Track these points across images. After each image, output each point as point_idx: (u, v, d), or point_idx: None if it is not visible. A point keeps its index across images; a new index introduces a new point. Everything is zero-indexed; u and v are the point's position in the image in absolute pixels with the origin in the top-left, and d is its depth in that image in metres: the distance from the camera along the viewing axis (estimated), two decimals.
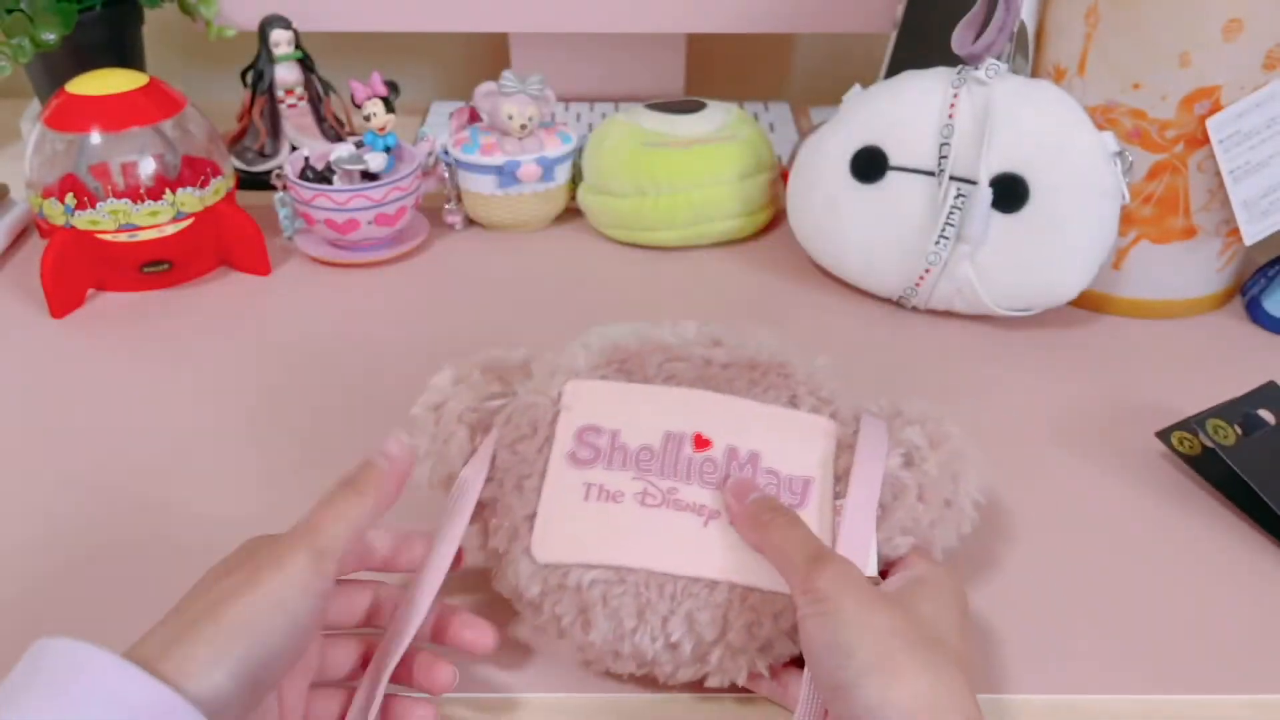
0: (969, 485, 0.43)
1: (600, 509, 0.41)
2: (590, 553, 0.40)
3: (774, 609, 0.39)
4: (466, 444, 0.43)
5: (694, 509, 0.41)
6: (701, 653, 0.39)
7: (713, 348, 0.44)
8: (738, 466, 0.42)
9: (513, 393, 0.44)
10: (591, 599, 0.39)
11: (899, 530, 0.41)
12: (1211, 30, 0.57)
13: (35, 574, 0.48)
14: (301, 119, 0.81)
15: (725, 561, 0.40)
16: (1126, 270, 0.66)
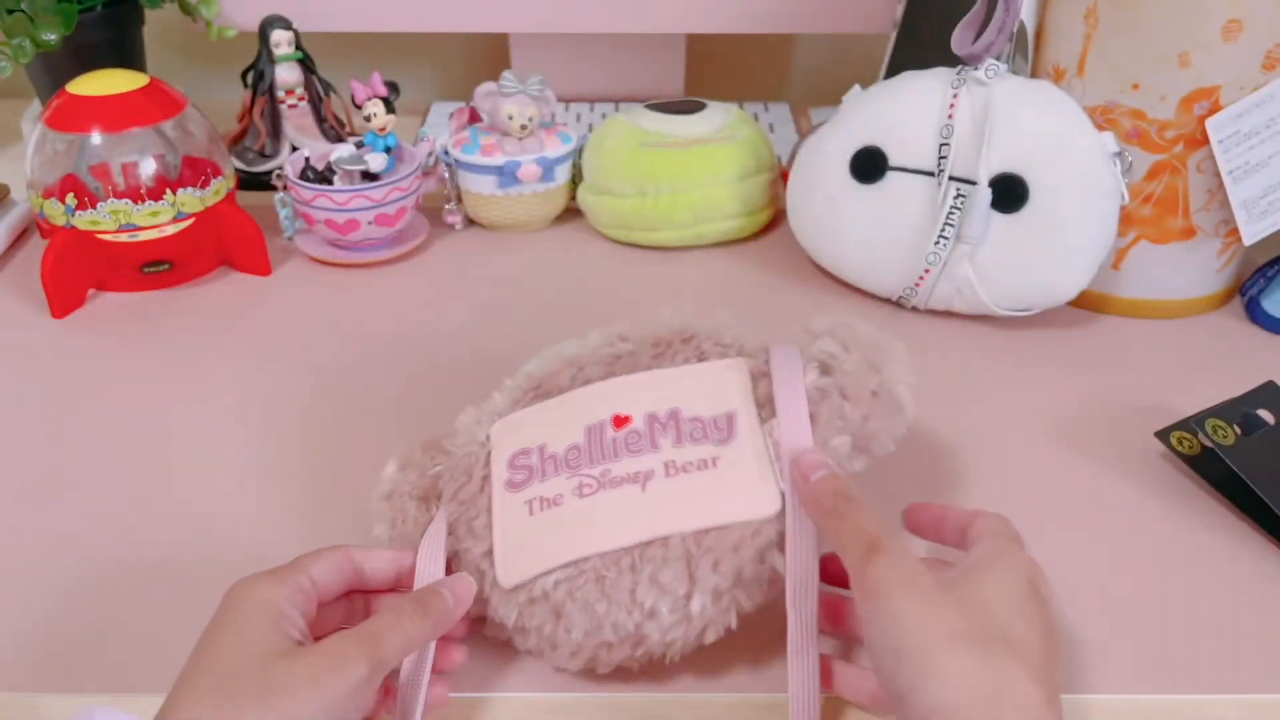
0: (894, 370, 0.43)
1: (545, 518, 0.42)
2: (547, 560, 0.41)
3: (731, 542, 0.40)
4: (422, 515, 0.45)
5: (630, 479, 0.41)
6: (681, 610, 0.39)
7: (619, 343, 0.46)
8: (660, 427, 0.42)
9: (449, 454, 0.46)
10: (559, 599, 0.40)
11: (834, 432, 0.41)
12: (1211, 31, 0.57)
13: (35, 573, 0.48)
14: (302, 119, 0.81)
15: (670, 516, 0.40)
16: (1126, 270, 0.66)
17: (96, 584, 0.47)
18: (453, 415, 0.47)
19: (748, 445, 0.41)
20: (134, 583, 0.47)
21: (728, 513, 0.40)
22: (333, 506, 0.51)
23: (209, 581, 0.47)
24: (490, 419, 0.46)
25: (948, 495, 0.52)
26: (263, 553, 0.49)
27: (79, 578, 0.48)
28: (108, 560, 0.49)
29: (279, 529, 0.50)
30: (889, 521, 0.51)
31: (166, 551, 0.49)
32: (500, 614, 0.41)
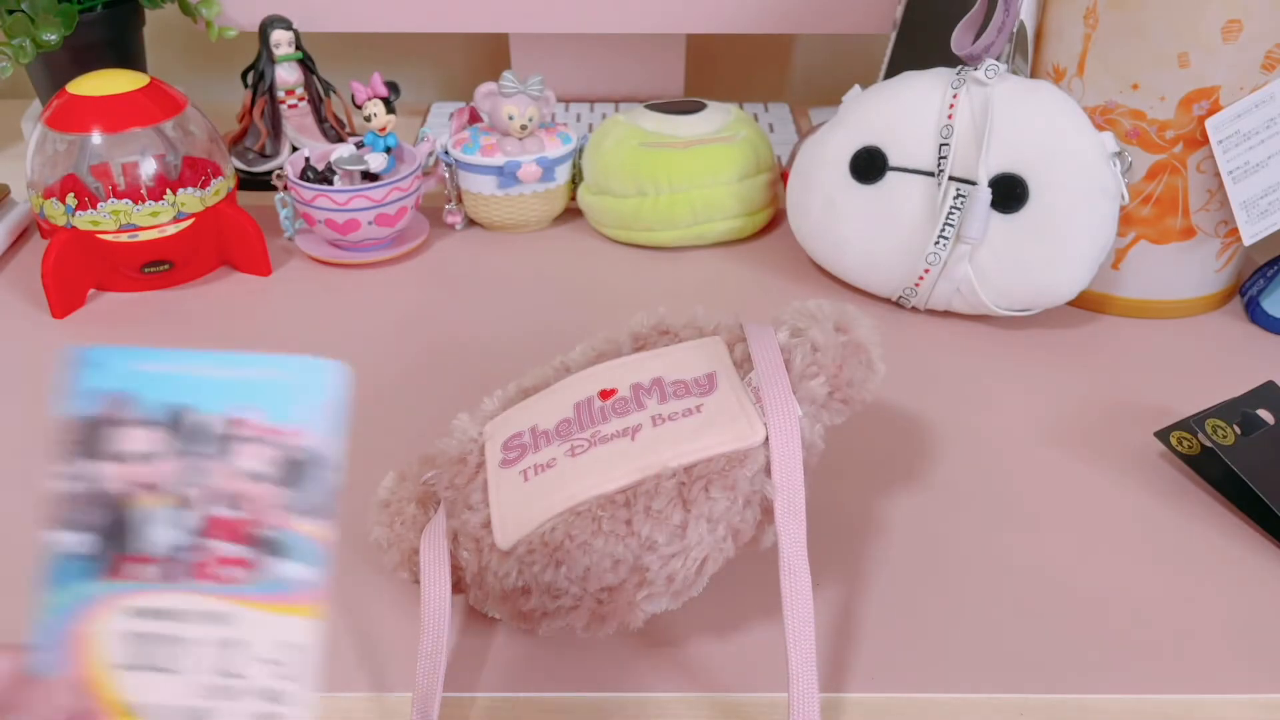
0: (861, 331, 0.45)
1: (539, 480, 0.43)
2: (543, 513, 0.42)
3: (719, 468, 0.41)
4: (420, 515, 0.45)
5: (619, 434, 0.43)
6: (678, 540, 0.40)
7: (602, 345, 0.48)
8: (644, 392, 0.44)
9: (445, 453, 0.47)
10: (557, 540, 0.41)
11: (808, 376, 0.43)
12: (1210, 31, 0.57)
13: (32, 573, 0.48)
14: (302, 119, 0.81)
15: (660, 455, 0.41)
16: (1126, 270, 0.66)
17: None
18: (453, 414, 0.48)
19: (729, 392, 0.43)
20: None
21: (714, 445, 0.41)
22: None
23: None
24: (481, 421, 0.47)
25: (948, 495, 0.52)
26: None
27: None
28: None
29: None
30: (890, 522, 0.51)
31: None
32: (500, 579, 0.42)
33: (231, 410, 0.28)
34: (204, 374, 0.29)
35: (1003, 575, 0.48)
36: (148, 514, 0.28)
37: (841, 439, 0.55)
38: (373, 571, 0.47)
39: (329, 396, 0.29)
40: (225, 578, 0.28)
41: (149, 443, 0.28)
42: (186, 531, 0.28)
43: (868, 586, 0.47)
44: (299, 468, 0.29)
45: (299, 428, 0.29)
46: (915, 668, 0.43)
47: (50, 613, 0.28)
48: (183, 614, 0.28)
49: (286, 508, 0.28)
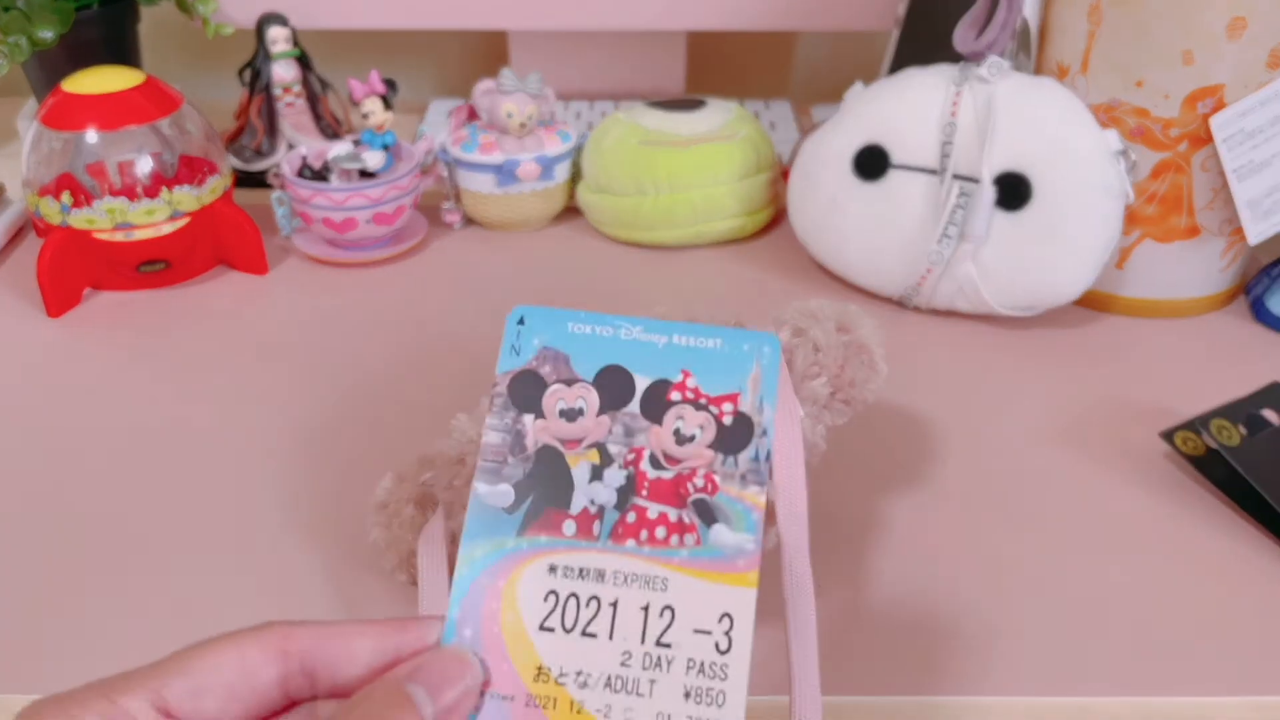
0: (864, 331, 0.44)
1: None
2: None
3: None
4: (418, 517, 0.45)
5: None
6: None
7: None
8: None
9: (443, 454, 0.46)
10: None
11: (810, 376, 0.42)
12: (1215, 28, 0.57)
13: (32, 573, 0.47)
14: (299, 117, 0.80)
15: None
16: (1130, 269, 0.65)
17: (92, 582, 0.47)
18: (451, 414, 0.47)
19: None
20: (130, 582, 0.47)
21: None
22: (331, 505, 0.51)
23: (205, 581, 0.47)
24: (481, 422, 0.46)
25: (951, 496, 0.52)
26: (260, 551, 0.48)
27: (75, 575, 0.47)
28: (104, 558, 0.48)
29: (277, 528, 0.50)
30: (892, 522, 0.50)
31: (162, 551, 0.49)
32: None
33: (664, 373, 0.28)
34: (637, 338, 0.29)
35: (1006, 576, 0.47)
36: (576, 470, 0.28)
37: (843, 440, 0.54)
38: (371, 573, 0.47)
39: (762, 366, 0.29)
40: (657, 540, 0.27)
41: (581, 401, 0.28)
42: (616, 490, 0.28)
43: (870, 588, 0.47)
44: (732, 434, 0.28)
45: (732, 395, 0.28)
46: (917, 670, 0.43)
47: (467, 567, 0.27)
48: (610, 575, 0.27)
49: (722, 473, 0.28)
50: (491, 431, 0.28)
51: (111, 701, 0.24)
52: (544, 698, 0.26)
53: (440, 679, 0.25)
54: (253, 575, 0.47)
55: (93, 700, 0.24)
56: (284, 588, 0.47)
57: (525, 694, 0.26)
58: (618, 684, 0.26)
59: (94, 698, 0.24)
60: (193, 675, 0.24)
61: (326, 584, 0.47)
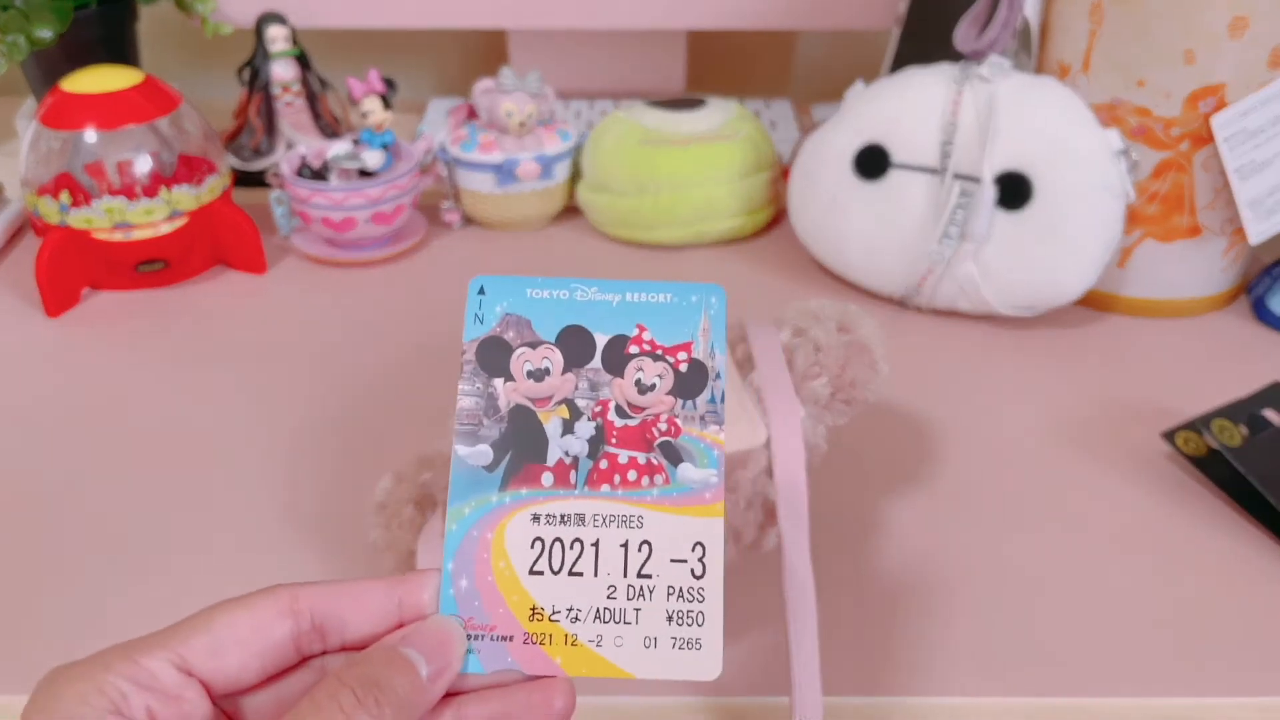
0: (865, 331, 0.45)
1: None
2: None
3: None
4: (417, 518, 0.45)
5: None
6: None
7: None
8: None
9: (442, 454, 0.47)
10: None
11: (810, 376, 0.43)
12: (1216, 27, 0.57)
13: (30, 573, 0.47)
14: (298, 116, 0.80)
15: None
16: (1131, 269, 0.65)
17: (91, 583, 0.47)
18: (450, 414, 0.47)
19: (730, 392, 0.42)
20: (129, 581, 0.47)
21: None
22: (330, 505, 0.51)
23: (205, 580, 0.47)
24: None
25: (953, 496, 0.52)
26: (259, 551, 0.48)
27: (73, 575, 0.47)
28: (102, 558, 0.48)
29: (275, 527, 0.50)
30: (893, 522, 0.50)
31: (161, 550, 0.48)
32: None
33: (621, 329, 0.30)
34: (593, 299, 0.31)
35: (1007, 577, 0.47)
36: (549, 426, 0.30)
37: (844, 440, 0.54)
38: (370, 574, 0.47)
39: (710, 316, 0.30)
40: (630, 483, 0.29)
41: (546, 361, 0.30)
42: (587, 441, 0.30)
43: (871, 588, 0.47)
44: (689, 379, 0.30)
45: (685, 344, 0.30)
46: (919, 671, 0.43)
47: (456, 524, 0.29)
48: (590, 519, 0.29)
49: (683, 415, 0.30)
50: (465, 397, 0.30)
51: (133, 662, 0.25)
52: (540, 635, 0.28)
53: (431, 643, 0.27)
54: (252, 575, 0.47)
55: (115, 662, 0.25)
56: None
57: (522, 633, 0.28)
58: (606, 615, 0.29)
59: (116, 659, 0.25)
60: (211, 634, 0.26)
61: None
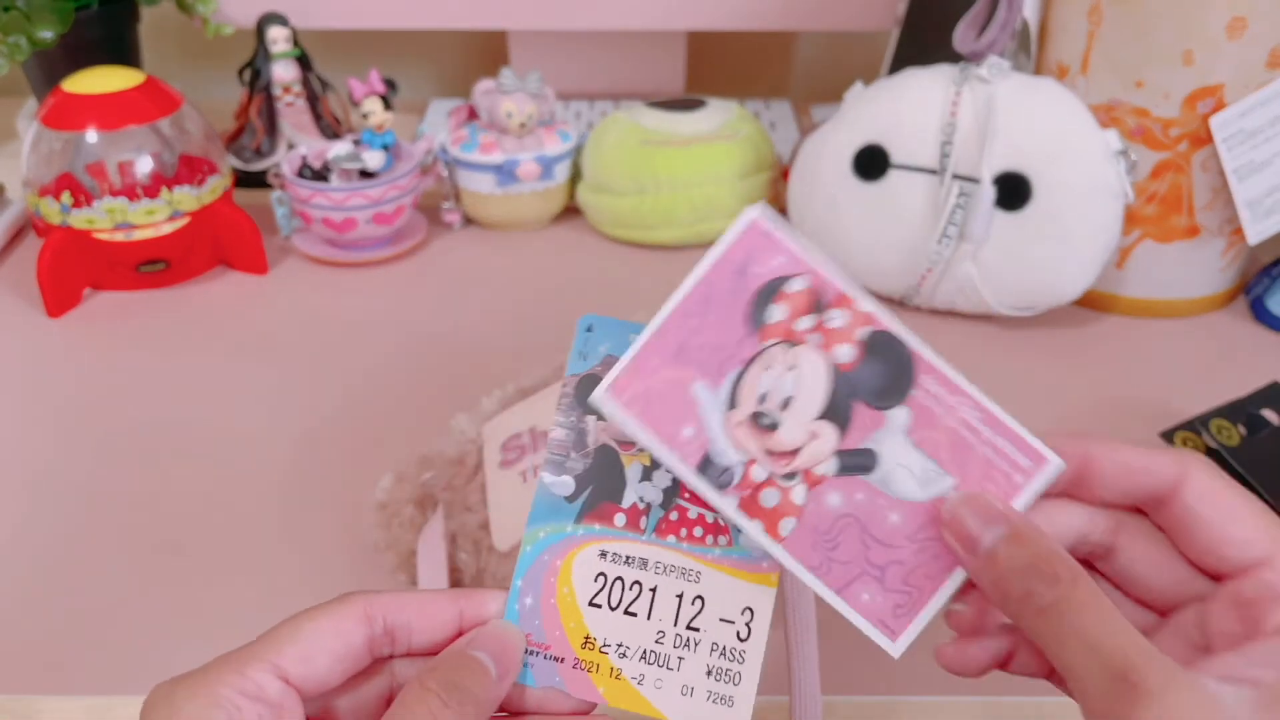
0: None
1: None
2: None
3: None
4: (417, 517, 0.45)
5: None
6: None
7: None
8: None
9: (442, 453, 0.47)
10: None
11: None
12: (1214, 28, 0.57)
13: (30, 573, 0.47)
14: (299, 117, 0.80)
15: None
16: (1130, 269, 0.65)
17: (92, 583, 0.47)
18: (450, 414, 0.47)
19: None
20: (131, 582, 0.47)
21: None
22: (330, 505, 0.51)
23: (206, 580, 0.47)
24: (479, 421, 0.46)
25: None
26: (259, 550, 0.48)
27: (74, 577, 0.47)
28: (102, 559, 0.48)
29: (276, 527, 0.50)
30: None
31: (163, 551, 0.49)
32: (499, 581, 0.41)
33: None
34: None
35: None
36: (629, 469, 0.31)
37: None
38: (371, 573, 0.47)
39: None
40: (695, 538, 0.30)
41: None
42: (663, 490, 0.30)
43: None
44: None
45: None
46: (919, 671, 0.43)
47: (531, 545, 0.30)
48: (652, 564, 0.30)
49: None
50: (559, 428, 0.31)
51: (242, 674, 0.26)
52: (589, 662, 0.30)
53: (496, 645, 0.28)
54: (252, 575, 0.47)
55: (226, 675, 0.26)
56: (283, 587, 0.47)
57: (573, 657, 0.30)
58: (651, 657, 0.30)
59: (226, 673, 0.26)
60: (301, 643, 0.27)
61: (326, 584, 0.47)
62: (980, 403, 0.29)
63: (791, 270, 0.29)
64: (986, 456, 0.29)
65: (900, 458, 0.29)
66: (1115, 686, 0.23)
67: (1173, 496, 0.27)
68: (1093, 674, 0.24)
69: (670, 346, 0.29)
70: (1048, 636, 0.25)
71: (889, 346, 0.29)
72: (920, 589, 0.29)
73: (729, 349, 0.29)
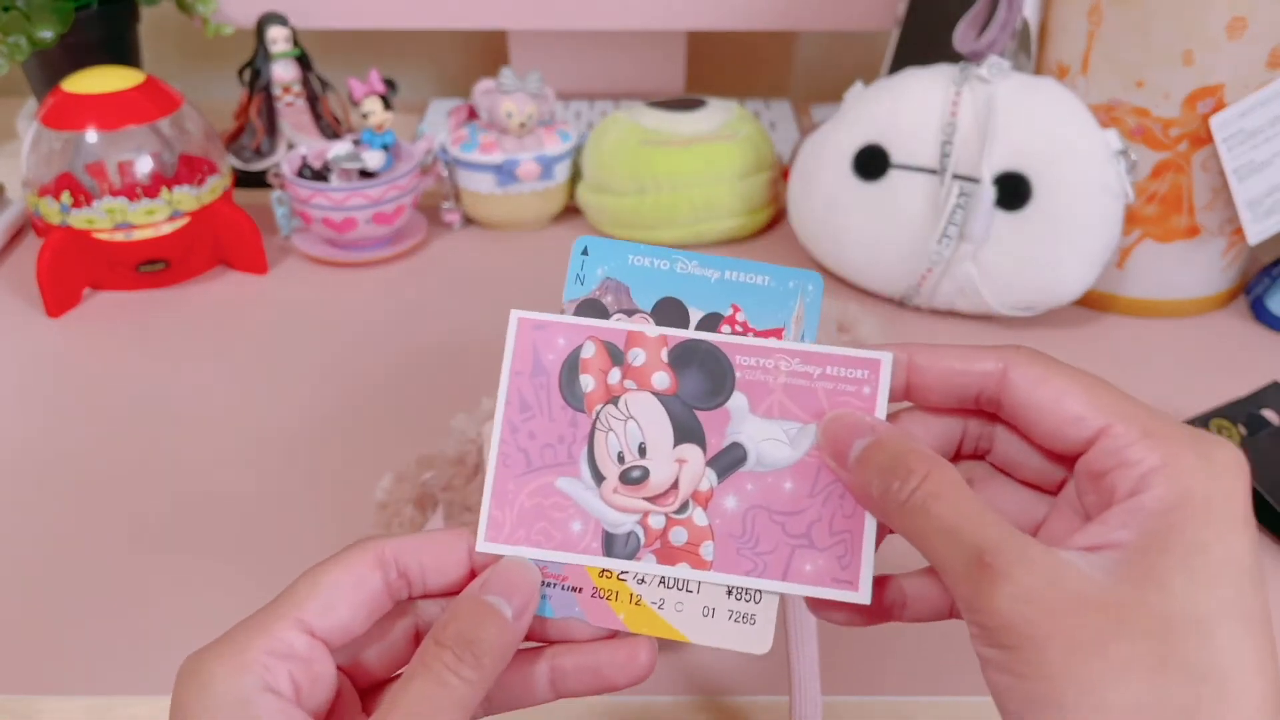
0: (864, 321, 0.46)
1: None
2: None
3: None
4: (417, 517, 0.45)
5: None
6: None
7: None
8: None
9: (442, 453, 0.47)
10: None
11: None
12: (1214, 28, 0.57)
13: (29, 573, 0.47)
14: (299, 117, 0.80)
15: None
16: (1130, 269, 0.65)
17: (92, 583, 0.47)
18: (450, 414, 0.47)
19: None
20: (132, 582, 0.47)
21: None
22: (330, 505, 0.51)
23: (206, 580, 0.47)
24: (481, 422, 0.46)
25: None
26: (259, 550, 0.48)
27: (74, 577, 0.47)
28: (102, 559, 0.48)
29: (277, 528, 0.50)
30: None
31: (163, 551, 0.49)
32: None
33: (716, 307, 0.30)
34: (692, 272, 0.30)
35: None
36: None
37: None
38: None
39: (805, 303, 0.30)
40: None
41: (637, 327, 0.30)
42: None
43: None
44: None
45: (777, 329, 0.30)
46: (918, 670, 0.43)
47: None
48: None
49: None
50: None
51: (270, 634, 0.26)
52: (607, 590, 0.30)
53: (509, 585, 0.28)
54: (252, 575, 0.47)
55: (253, 638, 0.26)
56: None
57: (591, 586, 0.29)
58: (670, 581, 0.29)
59: (252, 635, 0.26)
60: (321, 595, 0.27)
61: None
62: (792, 349, 0.30)
63: (576, 341, 0.30)
64: (827, 389, 0.29)
65: (761, 434, 0.29)
66: (973, 570, 0.24)
67: (1001, 391, 0.27)
68: (955, 561, 0.24)
69: (518, 465, 0.30)
70: (912, 531, 0.26)
71: (692, 352, 0.30)
72: (849, 531, 0.29)
73: (567, 435, 0.30)
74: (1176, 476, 0.25)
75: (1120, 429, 0.26)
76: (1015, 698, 0.23)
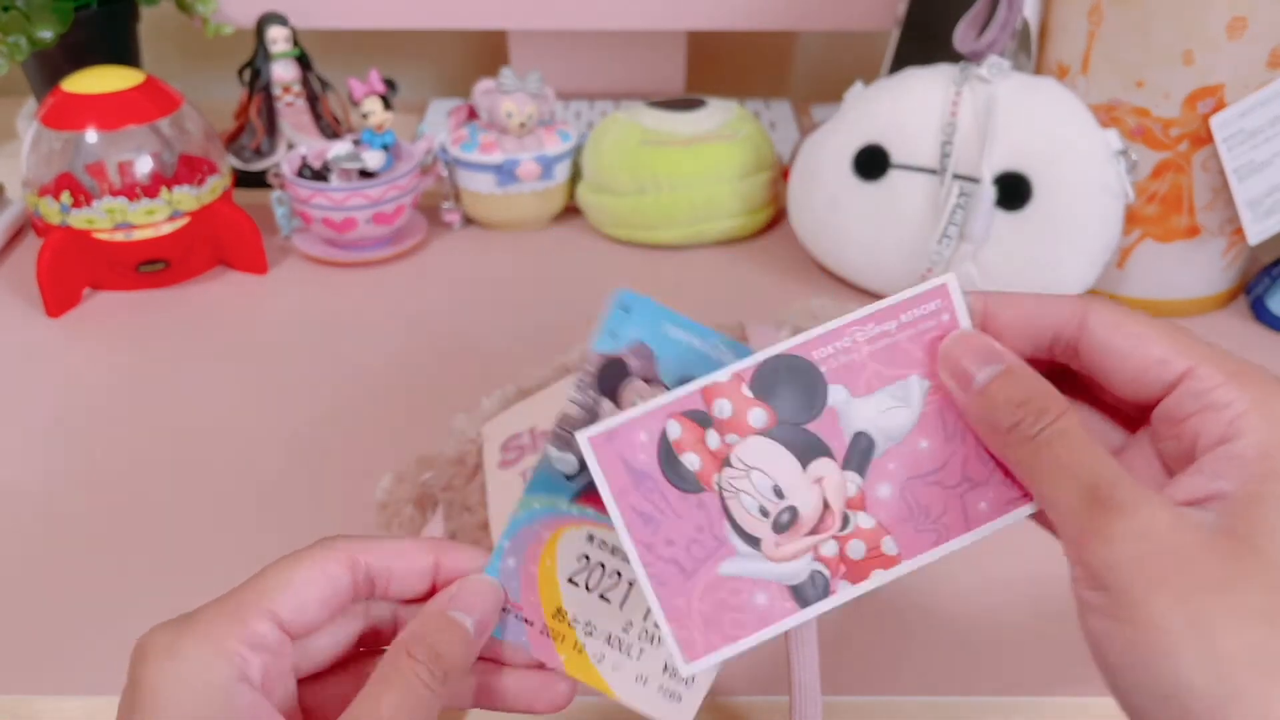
0: None
1: None
2: None
3: None
4: (417, 517, 0.45)
5: None
6: None
7: None
8: None
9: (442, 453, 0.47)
10: None
11: None
12: (1215, 28, 0.57)
13: (28, 573, 0.47)
14: (299, 117, 0.80)
15: None
16: (1130, 269, 0.65)
17: (91, 583, 0.47)
18: (450, 414, 0.47)
19: None
20: (131, 582, 0.47)
21: None
22: (330, 505, 0.51)
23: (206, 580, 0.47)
24: (479, 421, 0.46)
25: None
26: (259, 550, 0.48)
27: (73, 577, 0.47)
28: (102, 559, 0.48)
29: (276, 528, 0.50)
30: None
31: (161, 550, 0.49)
32: None
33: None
34: (723, 360, 0.29)
35: (1007, 576, 0.47)
36: None
37: None
38: None
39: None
40: None
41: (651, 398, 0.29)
42: None
43: None
44: None
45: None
46: (917, 670, 0.43)
47: (524, 511, 0.31)
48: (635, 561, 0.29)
49: None
50: (572, 404, 0.30)
51: (245, 625, 0.26)
52: (556, 631, 0.30)
53: (474, 600, 0.29)
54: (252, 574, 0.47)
55: (230, 625, 0.26)
56: None
57: (543, 623, 0.30)
58: (615, 642, 0.31)
59: (229, 623, 0.26)
60: (295, 590, 0.28)
61: None
62: (857, 320, 0.28)
63: (657, 428, 0.28)
64: (910, 335, 0.28)
65: (874, 411, 0.28)
66: (1090, 506, 0.24)
67: (1080, 336, 0.27)
68: (1069, 495, 0.24)
69: (674, 578, 0.28)
70: (1028, 464, 0.26)
71: (773, 373, 0.28)
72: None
73: (702, 521, 0.28)
74: (1270, 419, 0.24)
75: (1206, 371, 0.26)
76: (1117, 645, 0.23)
